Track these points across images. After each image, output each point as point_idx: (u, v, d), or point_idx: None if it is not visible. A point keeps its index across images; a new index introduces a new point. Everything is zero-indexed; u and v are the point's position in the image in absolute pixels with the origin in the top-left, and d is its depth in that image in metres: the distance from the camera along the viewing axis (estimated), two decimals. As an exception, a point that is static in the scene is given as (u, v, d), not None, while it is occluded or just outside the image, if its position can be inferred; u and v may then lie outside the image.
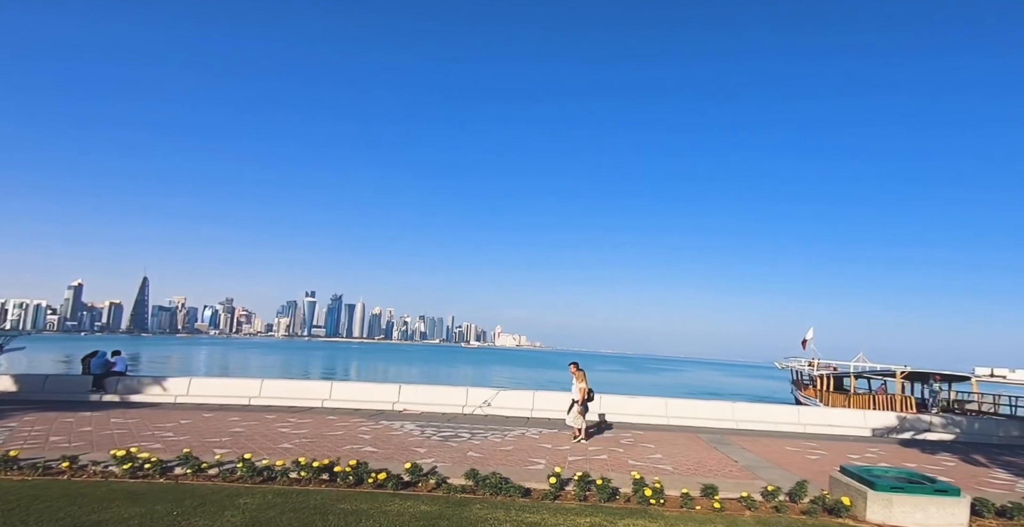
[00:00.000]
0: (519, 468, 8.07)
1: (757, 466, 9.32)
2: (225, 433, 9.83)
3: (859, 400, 23.70)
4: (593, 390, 11.56)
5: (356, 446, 9.15)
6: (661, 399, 15.59)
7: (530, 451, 9.60)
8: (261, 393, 14.67)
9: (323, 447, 8.91)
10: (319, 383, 15.24)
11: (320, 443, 9.24)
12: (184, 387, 14.77)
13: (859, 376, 26.39)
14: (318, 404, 14.39)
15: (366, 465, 6.55)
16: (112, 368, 15.19)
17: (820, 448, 12.01)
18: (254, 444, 8.89)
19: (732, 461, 9.69)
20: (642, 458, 9.50)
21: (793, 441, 12.93)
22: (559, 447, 10.17)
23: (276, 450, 8.49)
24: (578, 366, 11.81)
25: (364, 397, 14.85)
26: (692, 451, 10.56)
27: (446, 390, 15.50)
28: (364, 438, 10.01)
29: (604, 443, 10.94)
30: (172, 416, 11.76)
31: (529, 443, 10.47)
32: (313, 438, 9.73)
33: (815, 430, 14.86)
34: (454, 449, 9.40)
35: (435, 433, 11.04)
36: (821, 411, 15.81)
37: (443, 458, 8.55)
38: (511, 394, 15.29)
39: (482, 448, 9.65)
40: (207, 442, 8.92)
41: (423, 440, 10.14)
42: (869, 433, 14.92)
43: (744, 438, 12.86)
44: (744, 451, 10.93)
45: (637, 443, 11.18)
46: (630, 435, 12.26)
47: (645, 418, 14.80)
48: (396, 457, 8.42)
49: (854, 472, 6.74)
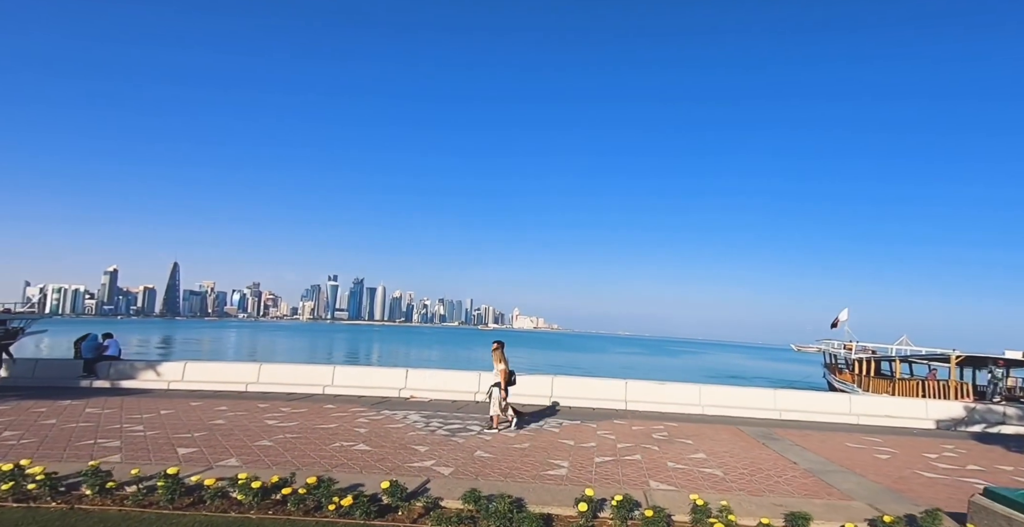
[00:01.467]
0: (536, 476, 6.69)
1: (823, 470, 7.78)
2: (202, 426, 8.67)
3: (905, 387, 21.80)
4: (515, 372, 10.20)
5: (347, 443, 7.89)
6: (694, 386, 14.07)
7: (549, 449, 8.22)
8: (259, 378, 13.61)
9: (307, 445, 7.66)
10: (321, 368, 14.10)
11: (305, 440, 8.00)
12: (179, 372, 13.80)
13: (905, 360, 24.34)
14: (319, 391, 13.27)
15: (329, 484, 5.03)
16: (104, 352, 14.30)
17: (884, 444, 10.39)
18: (228, 441, 7.69)
19: (790, 463, 8.16)
20: (682, 458, 8.04)
21: (849, 435, 11.32)
22: (583, 444, 8.77)
23: (251, 449, 7.26)
24: (501, 345, 10.22)
25: (368, 383, 13.68)
26: (739, 449, 9.06)
27: (457, 375, 14.23)
28: (359, 432, 8.75)
29: (635, 438, 9.51)
30: (156, 405, 10.71)
31: (548, 438, 9.10)
32: (300, 432, 8.51)
33: (869, 421, 13.19)
34: (460, 447, 8.07)
35: (441, 426, 9.75)
36: (876, 400, 14.12)
37: (446, 460, 7.22)
38: (527, 379, 13.91)
39: (493, 445, 8.31)
40: (175, 438, 7.75)
41: (426, 435, 8.84)
42: (932, 425, 13.19)
43: (792, 431, 11.31)
44: (799, 449, 9.39)
45: (673, 438, 9.72)
46: (663, 428, 10.80)
47: (677, 407, 13.33)
48: (390, 459, 7.12)
49: (1013, 499, 4.75)
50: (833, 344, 31.80)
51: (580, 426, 10.49)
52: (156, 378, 13.59)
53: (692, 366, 72.25)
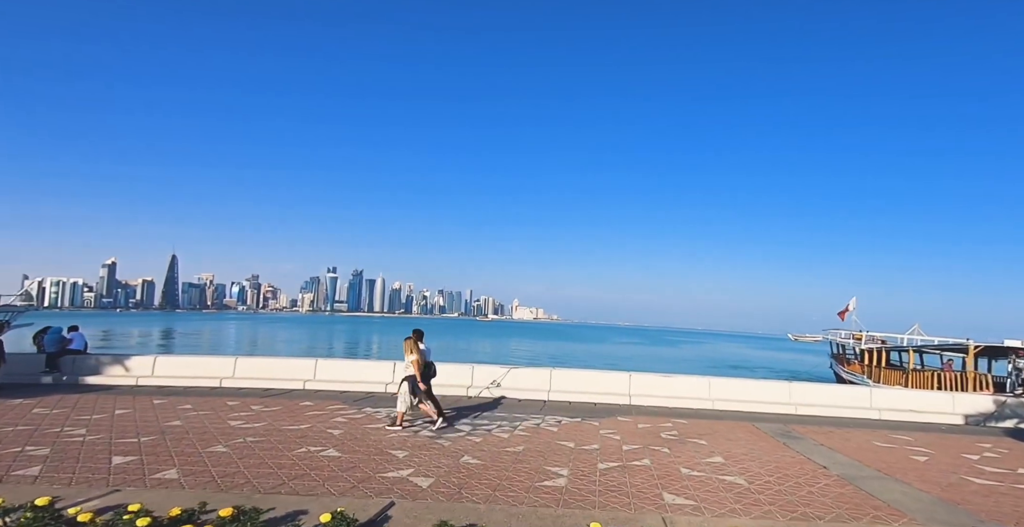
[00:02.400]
0: (531, 487, 5.71)
1: (859, 476, 6.81)
2: (154, 429, 7.68)
3: (920, 378, 20.87)
4: (433, 364, 9.00)
5: (315, 448, 6.90)
6: (703, 379, 13.10)
7: (547, 454, 7.25)
8: (235, 373, 12.62)
9: (268, 451, 6.68)
10: (302, 361, 13.13)
11: (268, 444, 7.01)
12: (148, 367, 12.80)
13: (918, 350, 23.39)
14: (299, 386, 12.29)
15: (254, 516, 4.07)
16: (68, 345, 13.29)
17: (916, 442, 9.44)
18: (177, 447, 6.71)
19: (819, 467, 7.19)
20: (698, 464, 7.07)
21: (874, 432, 10.37)
22: (584, 446, 7.80)
23: (199, 457, 6.27)
24: (417, 334, 9.06)
25: (353, 377, 12.70)
26: (759, 450, 8.09)
27: (449, 368, 13.16)
28: (332, 435, 7.77)
29: (642, 438, 8.54)
30: (114, 403, 9.73)
31: (545, 439, 8.12)
32: (264, 435, 7.53)
33: (892, 416, 12.25)
34: (445, 451, 7.09)
35: (427, 425, 8.77)
36: (898, 393, 13.17)
37: (426, 468, 6.24)
38: (524, 372, 12.98)
39: (483, 449, 7.33)
40: (117, 444, 6.76)
41: (408, 437, 7.86)
42: (960, 420, 12.24)
43: (811, 428, 10.36)
44: (824, 449, 8.43)
45: (684, 438, 8.76)
46: (671, 426, 9.84)
47: (685, 401, 12.37)
48: (361, 467, 6.14)
49: None
50: (840, 334, 30.86)
51: (581, 424, 9.53)
52: (123, 374, 12.60)
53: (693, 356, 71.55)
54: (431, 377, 8.94)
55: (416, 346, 8.75)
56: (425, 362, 8.85)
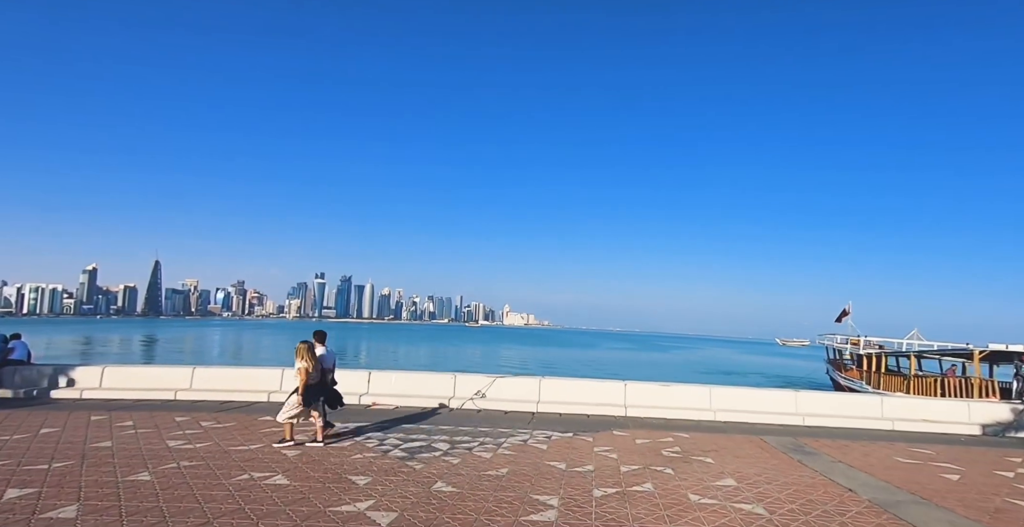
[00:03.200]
0: (513, 523, 4.73)
1: (893, 501, 5.91)
2: (75, 452, 6.57)
3: (922, 384, 20.18)
4: (330, 373, 7.79)
5: (260, 475, 5.85)
6: (703, 387, 12.19)
7: (534, 478, 6.26)
8: (192, 384, 11.48)
9: (202, 479, 5.61)
10: (267, 371, 12.02)
11: (205, 471, 5.94)
12: (95, 378, 11.61)
13: (921, 356, 22.74)
14: (263, 398, 11.18)
15: None
16: (9, 355, 12.05)
17: (940, 457, 8.59)
18: (92, 475, 5.62)
19: (845, 491, 6.28)
20: (708, 488, 6.12)
21: (891, 445, 9.52)
22: (577, 467, 6.82)
23: (112, 489, 5.18)
24: (321, 337, 8.00)
25: (324, 388, 11.60)
26: (772, 469, 7.17)
27: (429, 378, 12.22)
28: (285, 457, 6.70)
29: (642, 456, 7.59)
30: (44, 420, 8.57)
31: (533, 459, 7.14)
32: (205, 459, 6.45)
33: (905, 427, 11.42)
34: (415, 477, 6.07)
35: (399, 443, 7.73)
36: (911, 402, 12.37)
37: (390, 498, 5.23)
38: (511, 382, 12.00)
39: (460, 472, 6.33)
40: (22, 472, 5.66)
41: (375, 459, 6.82)
42: (977, 431, 11.45)
43: (824, 441, 9.48)
44: (844, 466, 7.53)
45: (688, 455, 7.82)
46: (672, 440, 8.90)
47: (684, 412, 11.44)
48: (311, 500, 5.11)
49: None
50: (837, 339, 30.23)
51: (573, 440, 8.55)
52: (67, 386, 11.40)
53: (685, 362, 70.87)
54: (328, 390, 7.76)
55: (308, 353, 7.43)
56: (323, 370, 7.61)
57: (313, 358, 7.42)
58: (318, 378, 7.47)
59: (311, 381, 7.33)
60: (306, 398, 7.31)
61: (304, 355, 7.36)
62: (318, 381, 7.47)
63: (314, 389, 7.40)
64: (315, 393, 7.43)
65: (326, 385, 7.72)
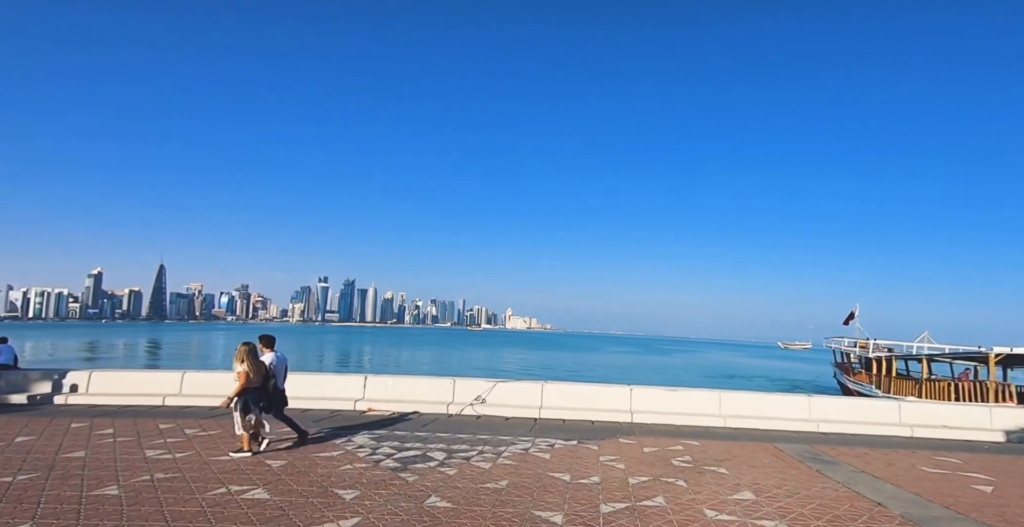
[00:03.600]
0: (512, 544, 4.28)
1: (928, 517, 5.42)
2: (42, 464, 6.13)
3: (935, 388, 19.63)
4: (274, 378, 7.20)
5: (239, 488, 5.41)
6: (712, 392, 11.70)
7: (536, 491, 5.80)
8: (182, 390, 11.06)
9: (175, 493, 5.17)
10: (258, 375, 11.55)
11: (179, 483, 5.50)
12: (84, 383, 11.21)
13: (933, 359, 22.17)
14: (254, 403, 10.73)
15: None
16: (-6, 359, 11.67)
17: (969, 467, 8.08)
18: (56, 489, 5.18)
19: (874, 505, 5.80)
20: (724, 502, 5.65)
21: (913, 453, 9.02)
22: (582, 479, 6.36)
23: (73, 505, 4.74)
24: (267, 342, 7.53)
25: (317, 393, 11.17)
26: (791, 480, 6.69)
27: (427, 382, 11.77)
28: (269, 468, 6.26)
29: (651, 466, 7.12)
30: (22, 427, 8.15)
31: (535, 470, 6.67)
32: (182, 469, 6.01)
33: (925, 433, 10.90)
34: (408, 490, 5.62)
35: (393, 453, 7.28)
36: (931, 407, 11.87)
37: (378, 516, 4.78)
38: (512, 386, 11.53)
39: (457, 485, 5.87)
40: (-21, 486, 5.24)
41: (365, 470, 6.37)
42: (1001, 437, 10.91)
43: (842, 449, 8.99)
44: (868, 477, 7.05)
45: (700, 465, 7.34)
46: (682, 449, 8.42)
47: (693, 418, 10.95)
48: (291, 516, 4.66)
49: None
50: (844, 342, 29.63)
51: (577, 449, 8.08)
52: (54, 391, 10.99)
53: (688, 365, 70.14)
54: (271, 396, 7.25)
55: (249, 356, 6.92)
56: (268, 375, 7.11)
57: (255, 362, 6.93)
58: (259, 383, 6.97)
59: (251, 385, 6.81)
60: (246, 404, 6.79)
61: (245, 358, 6.86)
62: (259, 386, 6.96)
63: (255, 395, 6.86)
64: (256, 399, 6.89)
65: (267, 391, 7.21)
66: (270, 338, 7.65)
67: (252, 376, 6.87)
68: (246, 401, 6.80)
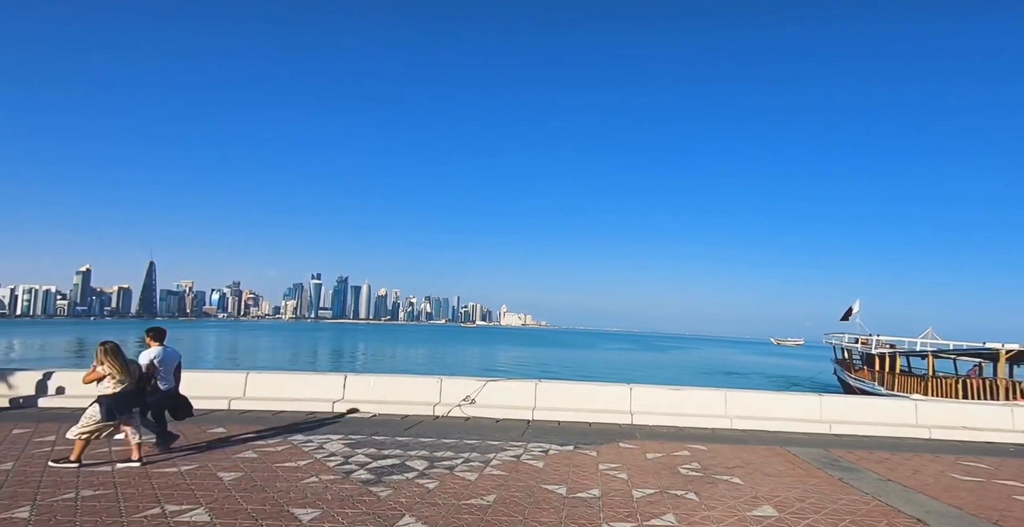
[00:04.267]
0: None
1: (981, 542, 4.70)
2: (-45, 478, 5.30)
3: (942, 386, 19.07)
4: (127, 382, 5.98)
5: (177, 508, 4.60)
6: (717, 392, 10.98)
7: (528, 508, 5.03)
8: (145, 389, 10.18)
9: (99, 513, 4.35)
10: (229, 375, 10.72)
11: (107, 501, 4.68)
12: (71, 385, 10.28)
13: (938, 355, 21.62)
14: (223, 405, 9.87)
15: None
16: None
17: (1002, 473, 7.39)
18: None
19: (914, 521, 5.06)
20: (744, 521, 4.89)
21: (936, 457, 8.34)
22: (580, 492, 5.59)
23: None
24: (155, 335, 6.74)
25: (294, 394, 10.35)
26: (815, 492, 5.96)
27: (413, 382, 10.97)
28: (220, 480, 5.45)
29: (656, 476, 6.37)
30: (-47, 433, 7.29)
31: (527, 482, 5.90)
32: (118, 485, 5.17)
33: (944, 435, 10.23)
34: (378, 509, 4.82)
35: (367, 462, 6.48)
36: (949, 407, 11.21)
37: (337, 545, 3.99)
38: (504, 386, 10.75)
39: (436, 501, 5.09)
40: None
41: (332, 482, 5.56)
42: (1024, 438, 10.28)
43: (860, 454, 8.28)
44: (898, 487, 6.33)
45: (711, 474, 6.60)
46: (689, 454, 7.68)
47: (698, 420, 10.23)
48: (230, 548, 3.86)
49: None
50: (845, 338, 29.09)
51: (574, 455, 7.31)
52: (36, 393, 10.08)
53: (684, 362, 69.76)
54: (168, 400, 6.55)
55: (111, 356, 5.93)
56: (141, 376, 6.24)
57: (118, 362, 6.00)
58: (131, 386, 6.06)
59: (122, 389, 5.92)
60: (110, 410, 5.87)
61: (105, 359, 5.92)
62: (132, 390, 6.07)
63: (123, 399, 5.91)
64: (124, 403, 5.94)
65: (143, 394, 6.33)
66: (159, 330, 6.84)
67: (118, 378, 5.90)
68: (109, 407, 5.85)
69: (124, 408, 5.93)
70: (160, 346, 6.72)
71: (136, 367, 6.25)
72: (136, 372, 6.20)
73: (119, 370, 5.92)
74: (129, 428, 6.03)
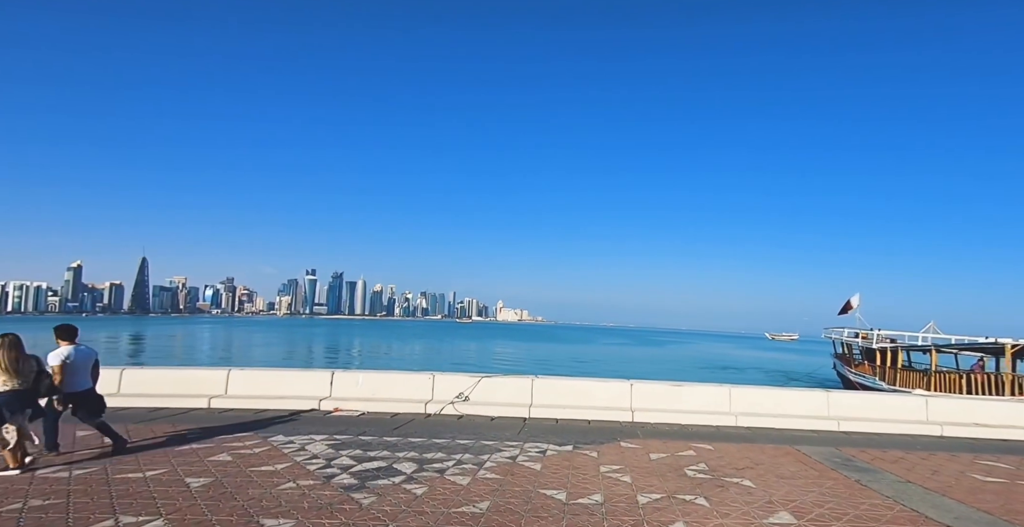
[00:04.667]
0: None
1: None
2: None
3: (946, 381, 18.78)
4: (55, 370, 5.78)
5: (133, 519, 4.12)
6: (721, 388, 10.57)
7: (524, 516, 4.58)
8: (120, 389, 9.62)
9: (45, 525, 3.88)
10: (211, 372, 10.21)
11: (56, 511, 4.19)
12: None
13: (940, 350, 21.33)
14: (203, 404, 9.39)
15: None
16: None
17: (1022, 472, 7.02)
18: None
19: (945, 532, 4.66)
20: (761, 532, 4.47)
21: (953, 456, 7.95)
22: (581, 498, 5.15)
23: None
24: (70, 333, 6.19)
25: (278, 391, 9.86)
26: (833, 496, 5.54)
27: (404, 378, 10.51)
28: (188, 487, 4.97)
29: (661, 478, 5.93)
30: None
31: (523, 486, 5.45)
32: (70, 494, 4.68)
33: (956, 432, 9.85)
34: (358, 519, 4.36)
35: (351, 465, 6.02)
36: (960, 403, 10.85)
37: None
38: (499, 382, 10.31)
39: (423, 509, 4.63)
40: None
41: (309, 490, 5.09)
42: (1039, 435, 9.92)
43: (872, 452, 7.88)
44: (919, 489, 5.93)
45: (719, 475, 6.17)
46: (694, 454, 7.25)
47: (701, 417, 9.82)
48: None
49: None
50: (844, 333, 28.80)
51: (573, 456, 6.87)
52: None
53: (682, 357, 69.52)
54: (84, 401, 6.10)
55: (10, 352, 5.43)
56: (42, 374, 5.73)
57: (16, 358, 5.46)
58: (25, 385, 5.51)
59: (10, 389, 5.37)
60: (15, 411, 5.33)
61: (7, 358, 5.35)
62: (24, 389, 5.51)
63: (11, 399, 5.35)
64: (13, 403, 5.34)
65: (37, 393, 5.76)
66: (68, 328, 6.26)
67: (11, 376, 5.37)
68: (12, 405, 5.29)
69: (14, 408, 5.36)
70: (71, 344, 6.16)
71: (32, 365, 5.67)
72: (31, 371, 5.63)
73: (4, 367, 5.36)
74: (9, 429, 5.35)
